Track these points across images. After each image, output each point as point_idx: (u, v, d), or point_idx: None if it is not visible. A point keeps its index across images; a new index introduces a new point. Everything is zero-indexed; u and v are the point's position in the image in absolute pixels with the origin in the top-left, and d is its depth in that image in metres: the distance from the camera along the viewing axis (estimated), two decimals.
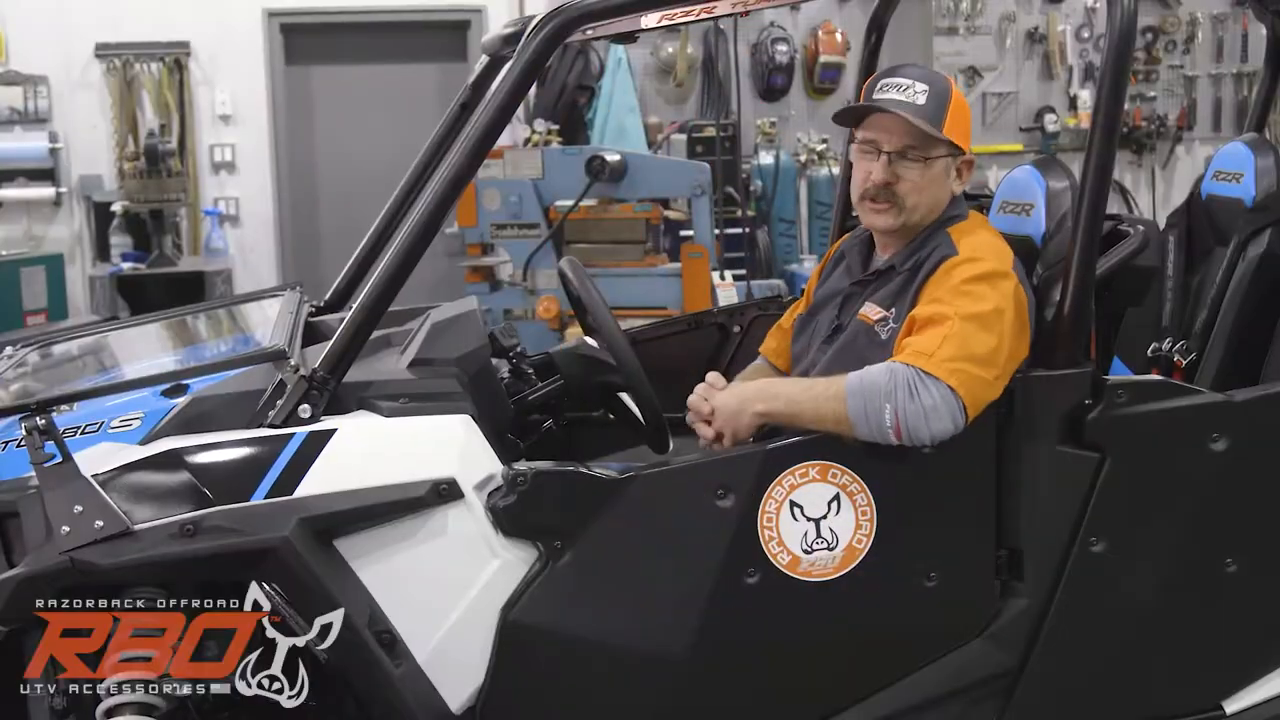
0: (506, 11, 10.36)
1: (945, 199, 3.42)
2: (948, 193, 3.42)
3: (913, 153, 3.38)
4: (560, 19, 3.20)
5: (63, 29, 10.00)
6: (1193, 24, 11.15)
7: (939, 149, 3.38)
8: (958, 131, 3.38)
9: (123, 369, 3.89)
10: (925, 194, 3.40)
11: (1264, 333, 4.24)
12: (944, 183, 3.41)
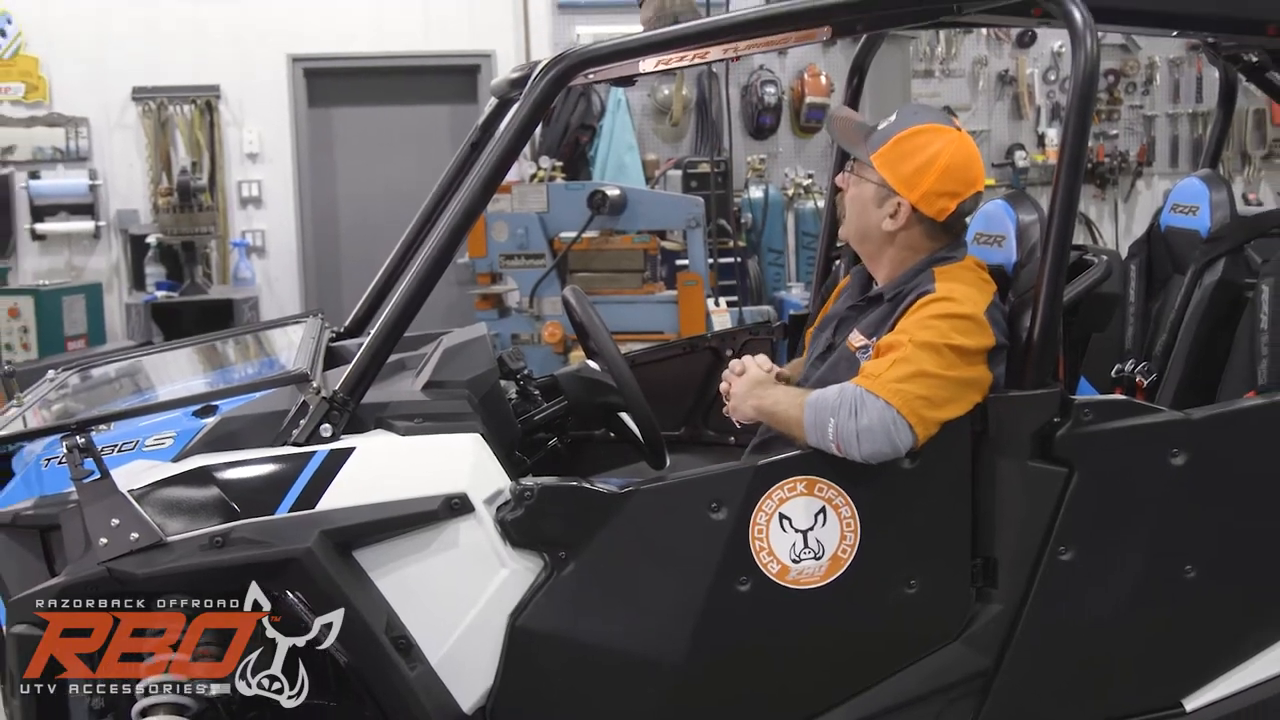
0: (514, 57, 10.39)
1: (873, 227, 3.40)
2: (875, 224, 3.39)
3: (855, 165, 3.42)
4: (564, 64, 3.21)
5: (102, 74, 10.02)
6: (1151, 67, 11.17)
7: (869, 172, 3.38)
8: (888, 165, 3.34)
9: (156, 391, 3.89)
10: (853, 210, 3.44)
11: (1219, 355, 4.25)
12: (871, 210, 3.39)
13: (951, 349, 3.12)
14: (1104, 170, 11.14)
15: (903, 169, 3.34)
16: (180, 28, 10.10)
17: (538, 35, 10.46)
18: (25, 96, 10.01)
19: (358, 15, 10.34)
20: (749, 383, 3.36)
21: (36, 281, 8.84)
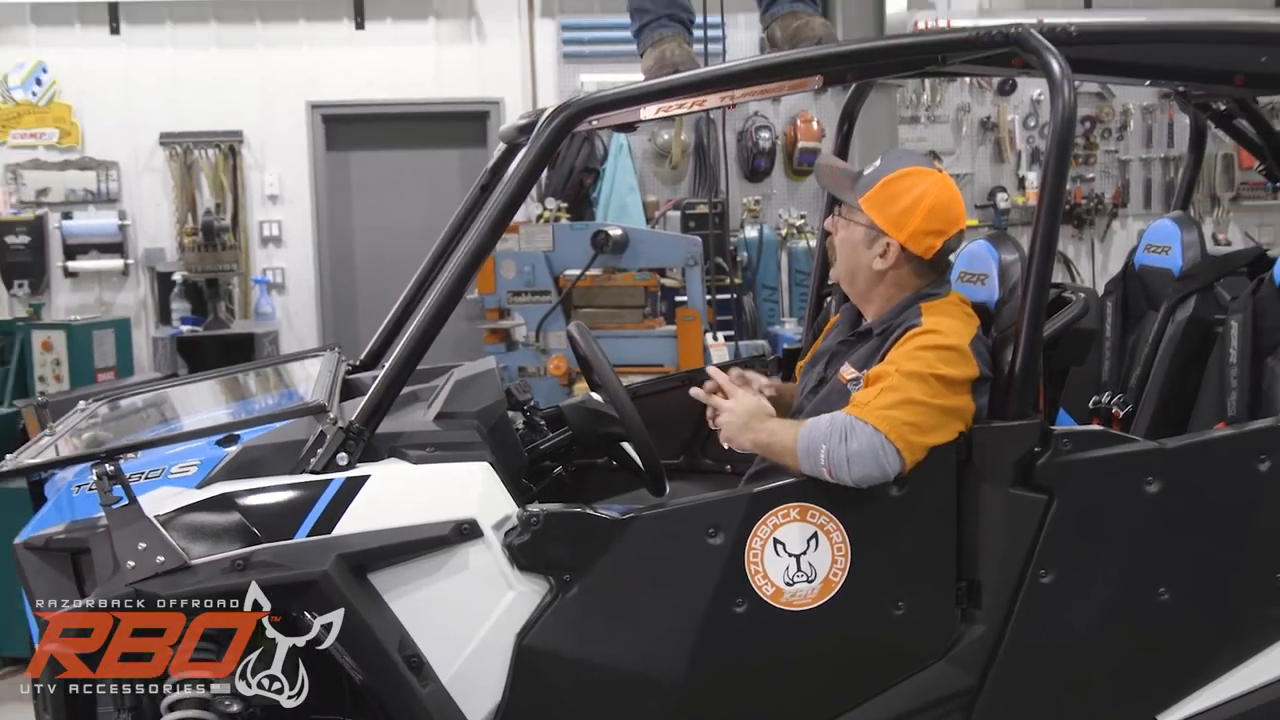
0: (522, 104, 10.40)
1: (863, 267, 3.41)
2: (866, 263, 3.40)
3: (843, 209, 3.43)
4: (569, 111, 3.23)
5: (131, 120, 10.05)
6: (1125, 114, 11.20)
7: (858, 215, 3.39)
8: (876, 208, 3.36)
9: (181, 421, 3.89)
10: (843, 251, 3.45)
11: (1191, 387, 4.26)
12: (861, 251, 3.40)
13: (937, 378, 3.13)
14: (1081, 211, 11.15)
15: (891, 210, 3.35)
16: (205, 77, 10.14)
17: (544, 83, 10.49)
18: (59, 142, 10.04)
19: (373, 64, 10.38)
20: (745, 415, 3.34)
21: (69, 316, 8.82)
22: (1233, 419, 3.87)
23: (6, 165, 10.01)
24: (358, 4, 10.33)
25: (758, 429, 3.28)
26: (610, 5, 10.18)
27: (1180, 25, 5.22)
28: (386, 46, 10.41)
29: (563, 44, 10.50)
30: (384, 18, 10.39)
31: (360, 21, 10.37)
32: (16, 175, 10.00)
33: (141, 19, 10.09)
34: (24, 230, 9.91)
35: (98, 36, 10.07)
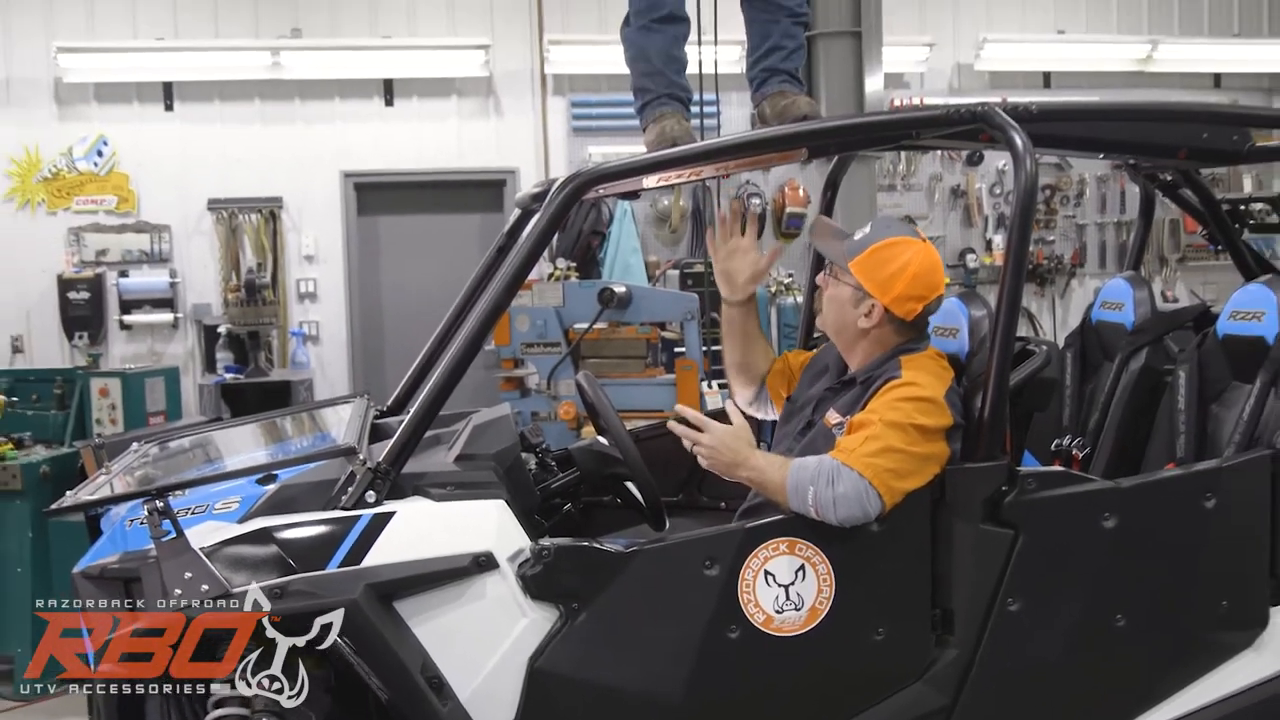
0: (535, 173, 10.44)
1: (849, 324, 3.42)
2: (852, 320, 3.41)
3: (835, 270, 3.44)
4: (578, 181, 3.24)
5: (182, 188, 10.09)
6: (1082, 183, 11.24)
7: (847, 277, 3.40)
8: (865, 273, 3.37)
9: (224, 461, 3.87)
10: (830, 307, 3.46)
11: (1144, 431, 4.25)
12: (848, 309, 3.41)
13: (915, 428, 3.13)
14: (1043, 271, 11.17)
15: (878, 275, 3.36)
16: (249, 148, 10.18)
17: (555, 154, 10.53)
18: (117, 207, 10.08)
19: (401, 137, 10.42)
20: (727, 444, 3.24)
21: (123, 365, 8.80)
22: (1181, 460, 3.88)
23: (70, 229, 10.03)
24: (387, 84, 10.38)
25: (747, 465, 3.24)
26: (616, 84, 10.21)
27: (1130, 105, 5.26)
28: (413, 121, 10.45)
29: (572, 119, 10.54)
30: (411, 96, 10.44)
31: (390, 99, 10.42)
32: (79, 238, 10.03)
33: (193, 97, 10.14)
34: (84, 287, 9.93)
35: (154, 113, 10.12)
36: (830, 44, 7.04)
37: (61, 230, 10.03)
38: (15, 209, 9.98)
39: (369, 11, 10.38)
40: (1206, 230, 4.83)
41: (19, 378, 6.88)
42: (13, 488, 5.75)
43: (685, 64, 4.05)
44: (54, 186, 10.01)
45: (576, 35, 10.33)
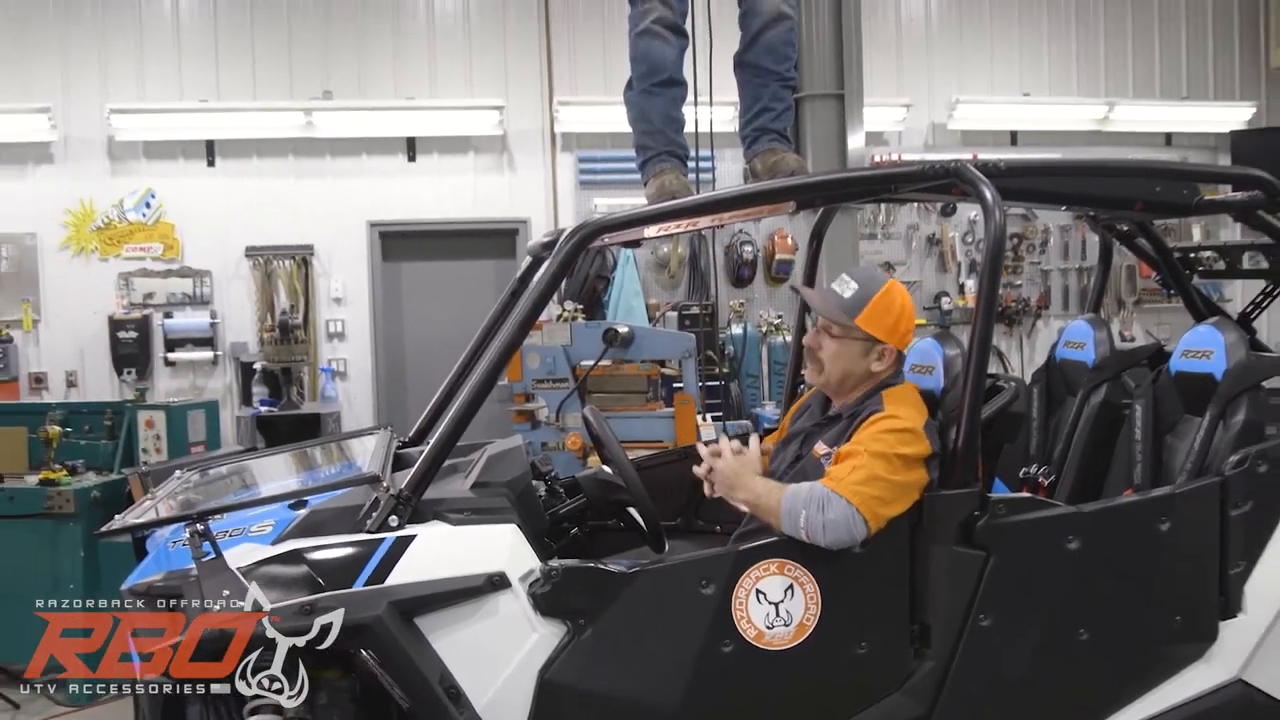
0: (545, 223, 10.46)
1: (859, 373, 3.44)
2: (864, 368, 3.43)
3: (834, 329, 3.42)
4: (585, 231, 3.25)
5: (222, 237, 10.10)
6: (1046, 231, 11.23)
7: (855, 332, 3.40)
8: (875, 324, 3.39)
9: (259, 487, 3.87)
10: (838, 363, 3.43)
11: (1104, 460, 4.25)
12: (859, 359, 3.42)
13: (898, 457, 3.13)
14: (1011, 313, 11.16)
15: (885, 322, 3.41)
16: (283, 200, 10.20)
17: (564, 205, 10.53)
18: (163, 254, 10.09)
19: (422, 190, 10.44)
20: (733, 474, 3.35)
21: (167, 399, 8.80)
22: (1138, 487, 3.88)
23: (120, 274, 10.04)
24: (410, 141, 10.42)
25: (748, 487, 3.29)
26: (619, 141, 10.24)
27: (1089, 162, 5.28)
28: (433, 176, 10.47)
29: (579, 173, 10.55)
30: (431, 152, 10.47)
31: (412, 155, 10.45)
32: (128, 282, 10.04)
33: (233, 154, 10.17)
34: (132, 327, 9.94)
35: (197, 168, 10.15)
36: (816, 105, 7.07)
37: (112, 275, 10.05)
38: (71, 256, 9.99)
39: (394, 75, 10.42)
40: (1160, 276, 4.84)
41: (73, 410, 6.88)
42: (66, 511, 5.75)
43: (683, 123, 4.08)
44: (106, 235, 10.03)
45: (583, 97, 10.36)
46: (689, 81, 4.12)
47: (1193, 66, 11.70)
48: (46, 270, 9.98)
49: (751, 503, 3.27)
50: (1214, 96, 11.66)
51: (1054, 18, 11.42)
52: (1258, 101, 11.56)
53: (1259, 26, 11.74)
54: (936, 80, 11.15)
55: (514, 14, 10.56)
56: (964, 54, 11.26)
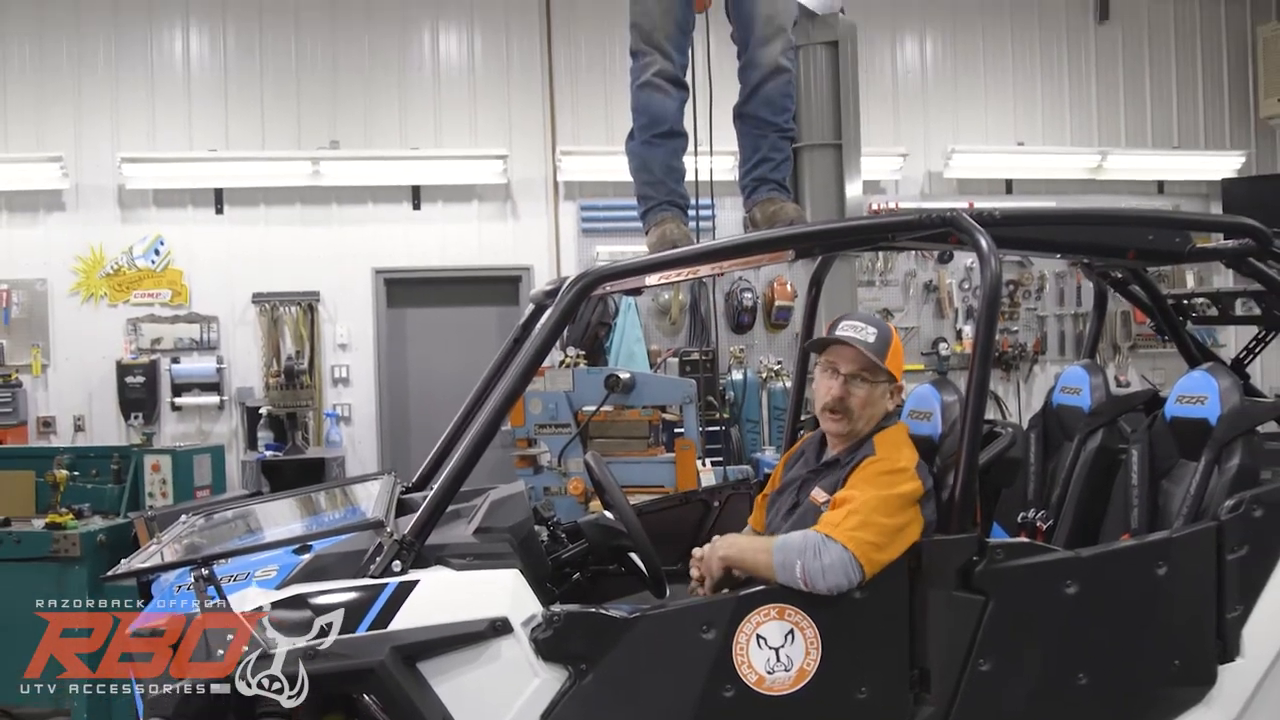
0: (548, 270, 10.50)
1: (881, 414, 3.46)
2: (883, 409, 3.46)
3: (864, 374, 3.42)
4: (586, 280, 3.26)
5: (230, 283, 10.14)
6: (1042, 278, 11.27)
7: (881, 376, 3.42)
8: (895, 365, 3.44)
9: (264, 532, 3.86)
10: (868, 408, 3.44)
11: (1101, 505, 4.24)
12: (881, 401, 3.45)
13: (892, 498, 3.13)
14: (1008, 358, 11.18)
15: (899, 361, 3.48)
16: (290, 247, 10.25)
17: (566, 253, 10.57)
18: (171, 300, 10.12)
19: (426, 237, 10.48)
20: (711, 545, 3.36)
21: (174, 443, 8.81)
22: (1135, 531, 3.86)
23: (128, 319, 10.07)
24: (415, 190, 10.47)
25: (729, 546, 3.29)
26: (621, 190, 10.28)
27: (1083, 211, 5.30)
28: (438, 223, 10.52)
29: (582, 221, 10.60)
30: (436, 200, 10.52)
31: (417, 203, 10.50)
32: (136, 327, 10.06)
33: (240, 201, 10.23)
34: (140, 372, 9.95)
35: (205, 215, 10.21)
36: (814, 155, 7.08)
37: (121, 321, 10.07)
38: (80, 302, 10.03)
39: (399, 125, 10.49)
40: (1154, 322, 4.84)
41: (80, 454, 6.87)
42: (73, 555, 5.72)
43: (684, 173, 4.10)
44: (115, 282, 10.06)
45: (585, 147, 10.43)
46: (689, 132, 4.15)
47: (1184, 116, 11.78)
48: (56, 316, 10.01)
49: (736, 560, 3.27)
50: (1205, 146, 11.73)
51: (1047, 69, 11.52)
52: (1248, 150, 11.63)
53: (1247, 78, 11.83)
54: (932, 130, 11.23)
55: (517, 66, 10.65)
56: (959, 104, 11.34)
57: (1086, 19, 11.58)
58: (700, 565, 3.36)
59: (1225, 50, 11.84)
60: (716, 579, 3.31)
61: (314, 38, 10.40)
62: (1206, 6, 11.82)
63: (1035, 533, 4.37)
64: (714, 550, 3.32)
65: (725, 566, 3.29)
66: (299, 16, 10.37)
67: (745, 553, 3.24)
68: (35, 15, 10.03)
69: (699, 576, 3.37)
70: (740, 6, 4.07)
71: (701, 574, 3.36)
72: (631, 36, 4.04)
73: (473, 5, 10.61)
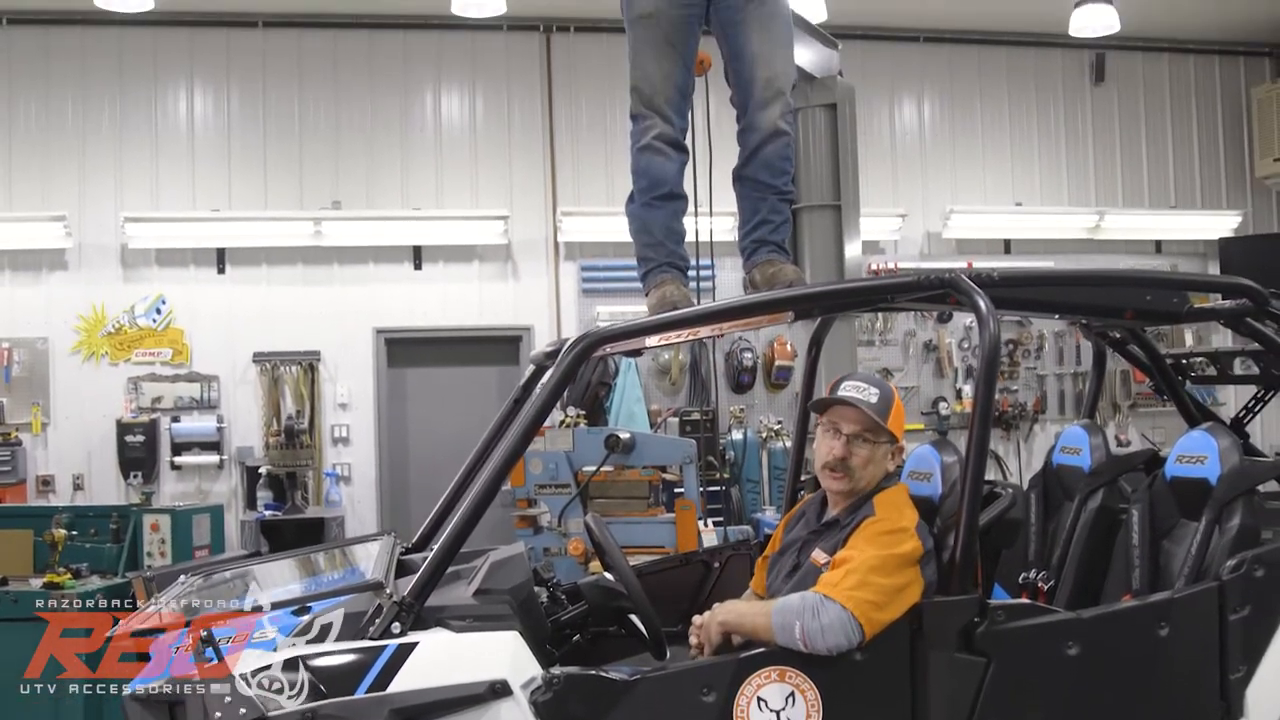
0: (549, 330, 10.53)
1: (882, 474, 3.47)
2: (884, 469, 3.47)
3: (866, 434, 3.43)
4: (587, 341, 3.28)
5: (231, 342, 10.17)
6: (1041, 337, 11.30)
7: (883, 436, 3.43)
8: (896, 426, 3.46)
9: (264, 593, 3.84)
10: (869, 468, 3.45)
11: (1102, 565, 4.23)
12: (883, 461, 3.47)
13: (891, 558, 3.13)
14: (1008, 417, 11.18)
15: (900, 421, 3.49)
16: (291, 307, 10.29)
17: (567, 313, 10.61)
18: (172, 359, 10.14)
19: (427, 297, 10.53)
20: (712, 612, 3.35)
21: (173, 503, 8.82)
22: (1137, 592, 3.85)
23: (129, 378, 10.08)
24: (416, 250, 10.53)
25: (727, 612, 3.28)
26: (621, 250, 10.33)
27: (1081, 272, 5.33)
28: (439, 283, 10.57)
29: (582, 281, 10.65)
30: (437, 260, 10.58)
31: (418, 263, 10.55)
32: (137, 386, 10.07)
33: (242, 261, 10.28)
34: (140, 431, 9.94)
35: (208, 275, 10.25)
36: (813, 216, 7.13)
37: (122, 379, 10.09)
38: (81, 360, 10.04)
39: (401, 186, 10.57)
40: (1153, 382, 4.86)
41: (79, 513, 6.87)
42: None
43: (683, 235, 4.13)
44: (116, 340, 10.09)
45: (586, 208, 10.50)
46: (689, 194, 4.18)
47: (1180, 176, 11.87)
48: (57, 374, 10.02)
49: (734, 625, 3.26)
50: (1201, 205, 11.81)
51: (1044, 130, 11.63)
52: (1244, 210, 11.71)
53: (1243, 138, 11.94)
54: (931, 190, 11.31)
55: (518, 127, 10.75)
56: (957, 165, 11.43)
57: (1082, 81, 11.71)
58: (699, 633, 3.35)
59: (1220, 111, 11.96)
60: (715, 646, 3.29)
61: (317, 98, 10.51)
62: (1200, 68, 11.95)
63: (1037, 593, 4.36)
64: (713, 617, 3.31)
65: (725, 632, 3.27)
66: (302, 78, 10.48)
67: (744, 617, 3.23)
68: (42, 75, 10.13)
69: (698, 644, 3.36)
70: (739, 70, 4.11)
71: (700, 642, 3.34)
72: (632, 100, 4.09)
73: (474, 67, 10.73)
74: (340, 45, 10.53)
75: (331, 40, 10.51)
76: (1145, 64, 11.83)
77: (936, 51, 11.42)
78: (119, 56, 10.22)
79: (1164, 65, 11.88)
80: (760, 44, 4.05)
